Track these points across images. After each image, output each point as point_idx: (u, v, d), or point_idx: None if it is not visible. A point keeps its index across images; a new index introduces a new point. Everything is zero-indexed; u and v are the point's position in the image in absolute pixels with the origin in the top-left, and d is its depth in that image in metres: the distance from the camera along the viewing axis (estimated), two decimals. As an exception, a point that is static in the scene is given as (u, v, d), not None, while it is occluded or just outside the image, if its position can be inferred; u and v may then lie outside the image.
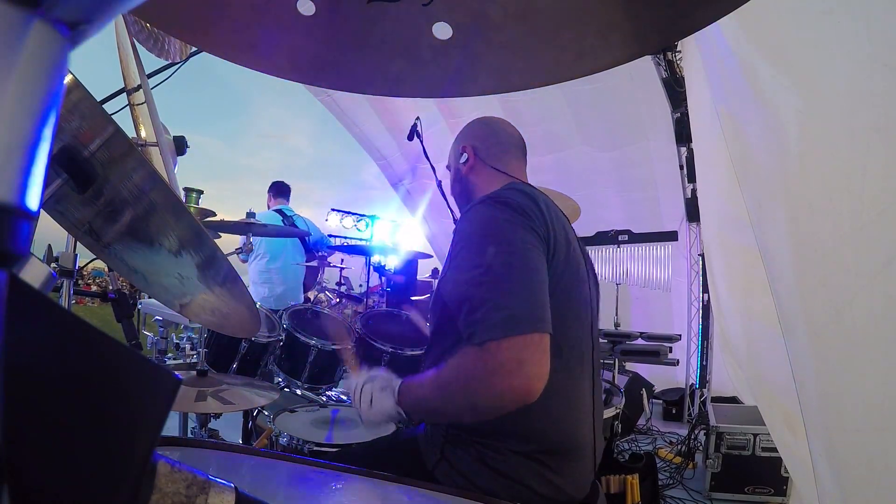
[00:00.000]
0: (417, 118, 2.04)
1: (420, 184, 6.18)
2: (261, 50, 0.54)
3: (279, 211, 3.84)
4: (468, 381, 0.82)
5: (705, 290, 4.13)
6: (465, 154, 1.17)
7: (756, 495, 2.57)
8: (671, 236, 3.88)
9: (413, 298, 4.32)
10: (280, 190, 3.98)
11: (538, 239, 0.91)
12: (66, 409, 0.20)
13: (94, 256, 0.94)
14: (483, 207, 0.94)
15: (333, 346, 2.02)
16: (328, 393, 2.08)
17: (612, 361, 3.18)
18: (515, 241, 0.88)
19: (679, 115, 3.86)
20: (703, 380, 4.10)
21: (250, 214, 2.74)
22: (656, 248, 4.01)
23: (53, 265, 1.07)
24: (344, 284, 4.29)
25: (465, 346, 0.84)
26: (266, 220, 3.81)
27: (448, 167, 1.25)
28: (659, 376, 4.34)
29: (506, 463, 0.89)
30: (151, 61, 1.29)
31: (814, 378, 1.06)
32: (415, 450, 1.00)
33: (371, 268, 3.60)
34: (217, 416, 1.72)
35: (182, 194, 1.84)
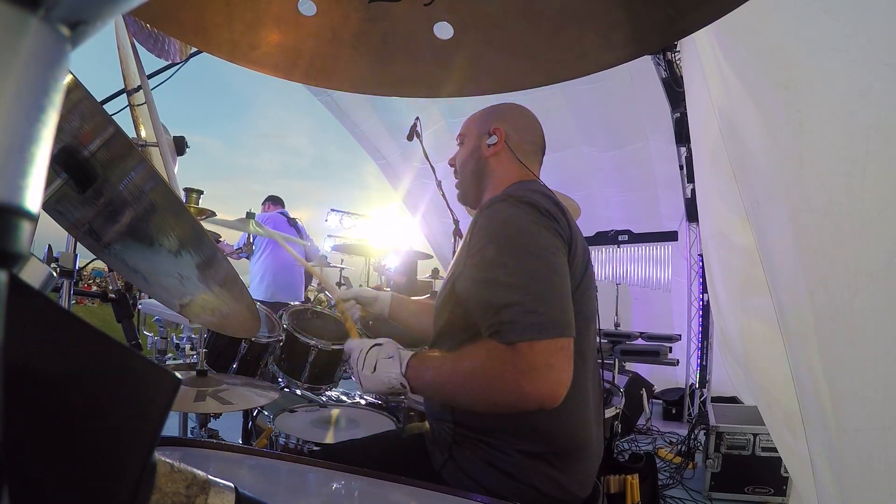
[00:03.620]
0: (417, 118, 2.04)
1: (420, 184, 6.18)
2: (261, 51, 0.54)
3: (282, 213, 4.26)
4: (494, 378, 0.82)
5: (705, 290, 4.12)
6: (494, 136, 1.09)
7: (756, 495, 2.57)
8: (671, 236, 3.88)
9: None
10: (276, 200, 4.45)
11: (562, 242, 0.90)
12: (66, 409, 0.20)
13: (94, 256, 0.94)
14: (507, 207, 0.92)
15: (333, 347, 2.02)
16: (328, 393, 2.08)
17: (612, 361, 3.18)
18: (543, 243, 0.88)
19: (679, 115, 3.86)
20: (703, 380, 4.10)
21: (250, 214, 2.75)
22: (656, 248, 4.01)
23: (53, 265, 1.07)
24: (344, 284, 4.31)
25: (489, 341, 0.83)
26: (271, 221, 3.98)
27: (460, 139, 1.17)
28: (659, 376, 4.34)
29: (513, 464, 0.89)
30: (151, 61, 1.29)
31: (813, 378, 1.06)
32: (421, 449, 0.99)
33: (371, 268, 3.61)
34: (217, 416, 1.72)
35: (182, 194, 1.83)
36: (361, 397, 2.03)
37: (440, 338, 1.02)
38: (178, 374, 0.23)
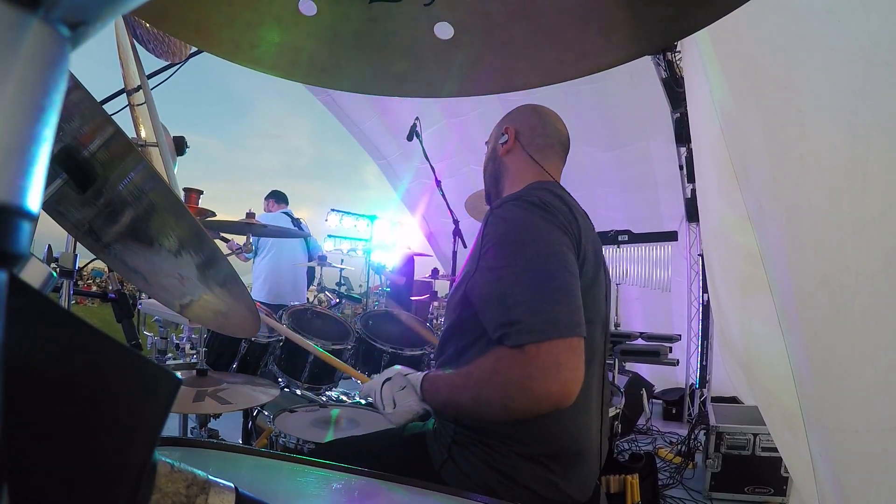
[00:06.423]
0: (417, 118, 2.05)
1: (420, 184, 6.18)
2: (261, 50, 0.54)
3: (286, 213, 4.16)
4: (505, 383, 0.81)
5: (705, 290, 4.13)
6: (506, 136, 1.14)
7: (756, 495, 2.57)
8: (671, 236, 3.88)
9: (412, 298, 4.32)
10: (280, 197, 4.30)
11: (571, 241, 0.90)
12: (66, 409, 0.20)
13: (94, 256, 0.93)
14: (514, 207, 0.92)
15: (333, 347, 2.02)
16: (328, 393, 2.08)
17: (612, 361, 3.18)
18: (552, 242, 0.87)
19: (679, 115, 3.86)
20: (703, 380, 4.10)
21: (250, 214, 2.75)
22: (656, 249, 4.01)
23: (53, 265, 1.07)
24: (344, 284, 4.32)
25: (498, 348, 0.83)
26: (275, 221, 3.95)
27: (486, 143, 1.23)
28: (659, 376, 4.34)
29: (510, 465, 0.89)
30: (151, 61, 1.29)
31: (814, 378, 1.06)
32: (422, 448, 0.99)
33: (371, 268, 3.61)
34: (217, 416, 1.72)
35: (182, 194, 1.83)
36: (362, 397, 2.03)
37: (447, 338, 1.02)
38: (178, 374, 0.23)
